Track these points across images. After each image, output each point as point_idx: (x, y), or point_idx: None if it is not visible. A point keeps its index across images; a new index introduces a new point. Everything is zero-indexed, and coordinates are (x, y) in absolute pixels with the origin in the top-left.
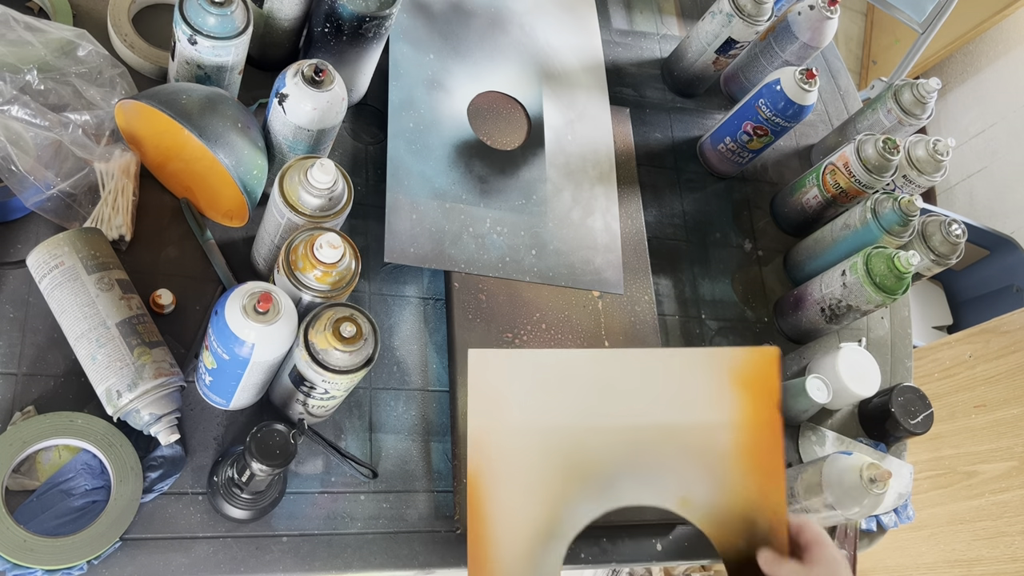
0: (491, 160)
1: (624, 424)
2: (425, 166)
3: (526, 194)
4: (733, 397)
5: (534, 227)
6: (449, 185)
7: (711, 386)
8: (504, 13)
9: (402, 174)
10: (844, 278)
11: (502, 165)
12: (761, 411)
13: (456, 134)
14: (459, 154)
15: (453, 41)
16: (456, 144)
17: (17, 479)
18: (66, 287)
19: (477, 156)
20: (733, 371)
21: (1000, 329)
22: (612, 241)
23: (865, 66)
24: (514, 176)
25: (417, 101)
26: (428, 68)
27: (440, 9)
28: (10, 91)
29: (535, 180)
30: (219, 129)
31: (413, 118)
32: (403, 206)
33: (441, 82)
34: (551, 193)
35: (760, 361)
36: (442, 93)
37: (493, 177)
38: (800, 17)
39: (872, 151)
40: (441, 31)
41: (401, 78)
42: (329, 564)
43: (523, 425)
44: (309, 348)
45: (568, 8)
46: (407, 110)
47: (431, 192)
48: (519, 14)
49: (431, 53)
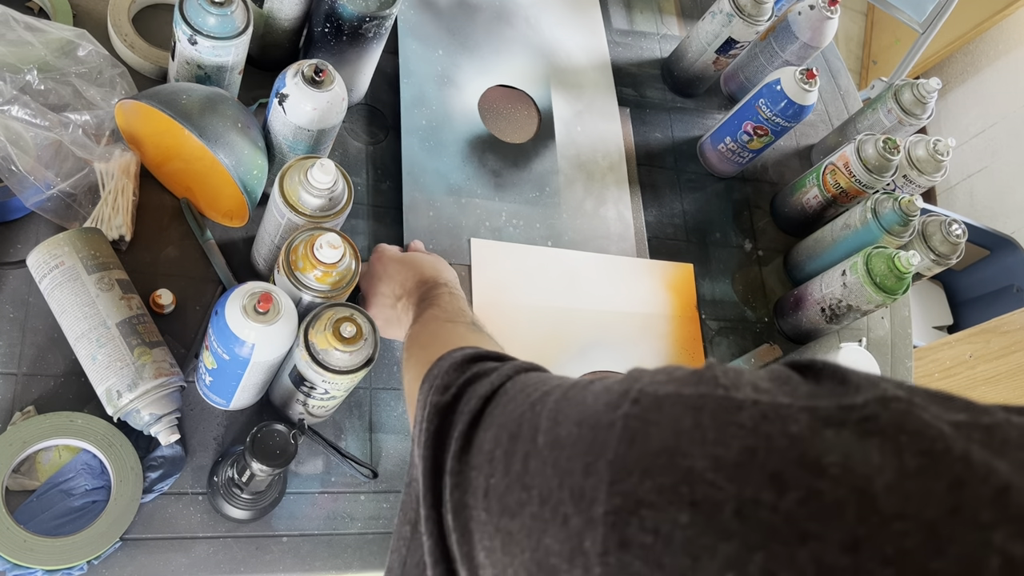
0: (503, 154)
1: (592, 309)
2: (439, 163)
3: (539, 186)
4: (666, 297)
5: (549, 219)
6: (464, 180)
7: (651, 288)
8: (509, 6)
9: (417, 172)
10: (844, 278)
11: (515, 158)
12: (685, 309)
13: (468, 129)
14: (472, 149)
15: (460, 36)
16: (469, 139)
17: (17, 479)
18: (66, 287)
19: (490, 150)
20: (665, 279)
21: (1000, 329)
22: (625, 230)
23: (865, 66)
24: (527, 169)
25: (428, 97)
26: (437, 64)
27: (446, 4)
28: (10, 91)
29: (547, 172)
30: (219, 129)
31: (425, 115)
32: (420, 204)
33: (451, 77)
34: (564, 184)
35: (683, 274)
36: (452, 89)
37: (506, 171)
38: (800, 17)
39: (872, 151)
40: (448, 26)
41: (412, 75)
42: (329, 564)
43: (516, 302)
44: (309, 348)
45: (572, 2)
46: (419, 107)
47: (446, 188)
48: (524, 7)
49: (440, 49)
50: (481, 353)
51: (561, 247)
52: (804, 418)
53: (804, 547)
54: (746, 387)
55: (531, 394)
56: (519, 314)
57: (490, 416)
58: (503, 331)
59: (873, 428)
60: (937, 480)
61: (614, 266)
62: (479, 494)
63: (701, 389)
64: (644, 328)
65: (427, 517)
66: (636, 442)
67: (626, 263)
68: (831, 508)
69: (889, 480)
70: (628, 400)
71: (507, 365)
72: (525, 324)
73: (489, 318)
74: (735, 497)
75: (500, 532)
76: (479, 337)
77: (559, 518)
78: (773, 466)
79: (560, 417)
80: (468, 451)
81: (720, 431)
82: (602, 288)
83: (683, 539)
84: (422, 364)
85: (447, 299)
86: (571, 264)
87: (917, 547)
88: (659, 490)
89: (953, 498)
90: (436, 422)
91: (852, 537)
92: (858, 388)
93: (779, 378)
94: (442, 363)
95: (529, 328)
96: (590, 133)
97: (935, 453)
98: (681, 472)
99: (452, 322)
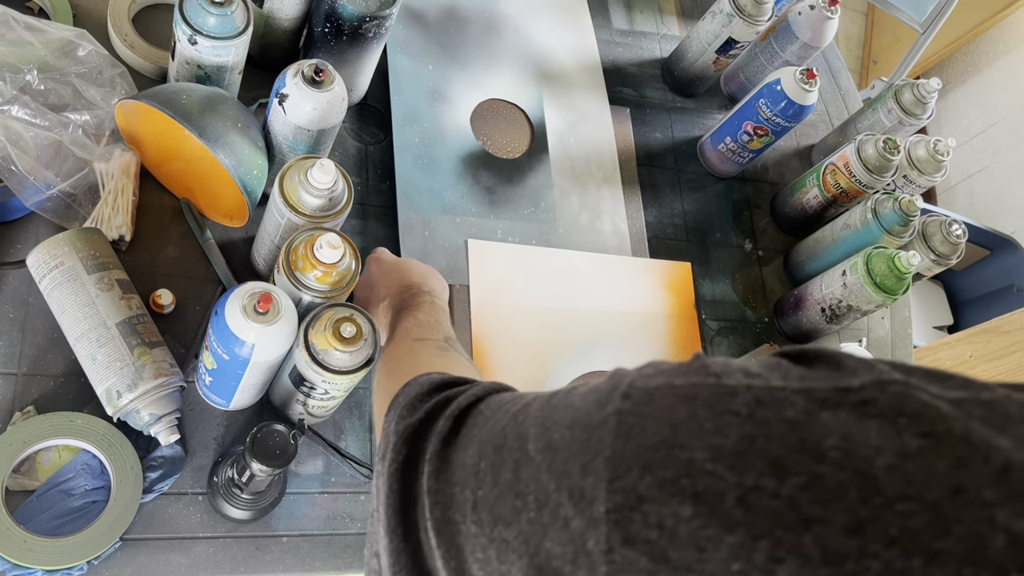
0: (497, 169)
1: (591, 308)
2: (433, 181)
3: (534, 201)
4: (664, 296)
5: (545, 234)
6: (458, 199)
7: (649, 287)
8: (498, 17)
9: (412, 191)
10: (844, 278)
11: (508, 174)
12: (684, 308)
13: (461, 146)
14: (465, 166)
15: (451, 50)
16: (462, 156)
17: (17, 479)
18: (66, 287)
19: (483, 167)
20: (663, 277)
21: (1000, 329)
22: (622, 243)
23: (865, 66)
24: (521, 184)
25: (420, 114)
26: (428, 79)
27: (435, 18)
28: (10, 91)
29: (542, 187)
30: (219, 129)
31: (418, 132)
32: (415, 224)
33: (442, 93)
34: (559, 199)
35: (681, 273)
36: (444, 104)
37: (500, 187)
38: (800, 17)
39: (872, 151)
40: (438, 40)
41: (403, 92)
42: (329, 564)
43: (514, 303)
44: (309, 348)
45: (561, 8)
46: (411, 124)
47: (441, 207)
48: (513, 17)
49: (430, 64)
50: (447, 379)
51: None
52: (800, 401)
53: (808, 532)
54: (736, 373)
55: (510, 408)
56: (517, 315)
57: (467, 436)
58: (502, 332)
59: (872, 411)
60: (939, 460)
61: (612, 265)
62: (466, 508)
63: (692, 379)
64: (643, 327)
65: (399, 550)
66: (632, 437)
67: (624, 262)
68: (833, 492)
69: (890, 461)
70: (618, 395)
71: (476, 386)
72: (524, 325)
73: (487, 319)
74: (737, 486)
75: (494, 542)
76: (447, 360)
77: (559, 521)
78: (773, 452)
79: (549, 423)
80: (447, 470)
81: (716, 420)
82: (600, 288)
83: (687, 532)
84: (387, 394)
85: (426, 309)
86: (569, 264)
87: (921, 528)
88: (660, 484)
89: (955, 478)
90: (404, 451)
91: (856, 520)
92: (854, 371)
93: (769, 364)
94: (408, 390)
95: (528, 329)
96: (584, 144)
97: (936, 434)
98: (681, 464)
99: (422, 340)
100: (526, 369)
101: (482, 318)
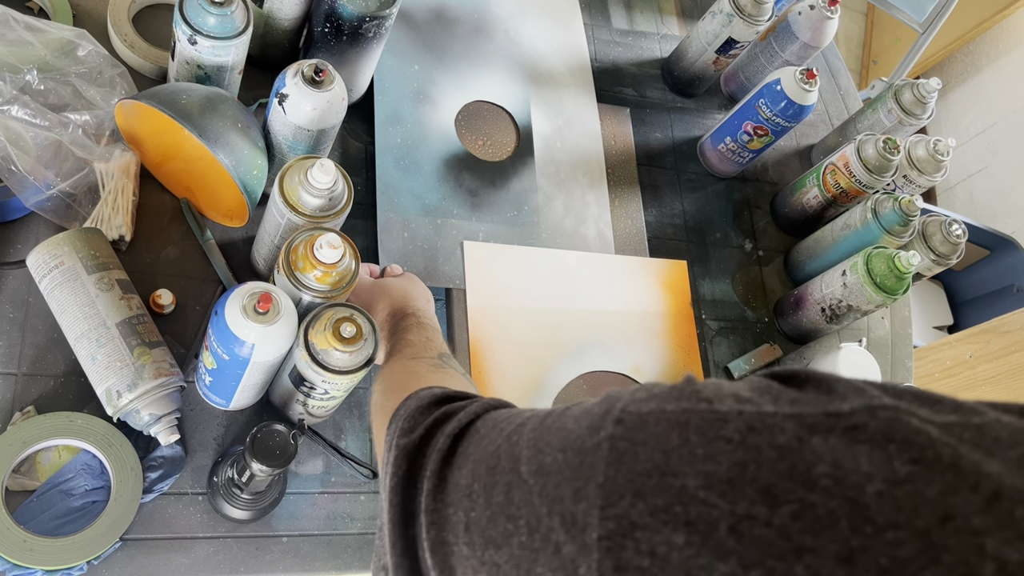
0: (481, 172)
1: (588, 309)
2: (415, 182)
3: (517, 205)
4: (661, 295)
5: (528, 238)
6: (439, 200)
7: (646, 286)
8: (488, 19)
9: (391, 192)
10: (844, 278)
11: (492, 177)
12: (680, 307)
13: (444, 147)
14: (448, 168)
15: (438, 51)
16: (445, 158)
17: (17, 479)
18: (66, 287)
19: (467, 169)
20: (659, 276)
21: (1000, 329)
22: (606, 249)
23: (865, 66)
24: (504, 188)
25: (404, 115)
26: (413, 80)
27: (424, 18)
28: (10, 91)
29: (526, 191)
30: (219, 129)
31: (400, 133)
32: (394, 224)
33: (427, 94)
34: (543, 203)
35: (678, 271)
36: (428, 105)
37: (484, 190)
38: (800, 17)
39: (872, 151)
40: (425, 41)
41: (386, 92)
42: (329, 564)
43: (511, 304)
44: (309, 348)
45: (552, 11)
46: (394, 125)
47: (421, 209)
48: (503, 19)
49: (416, 64)
50: (447, 394)
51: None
52: (790, 427)
53: (800, 561)
54: (728, 399)
55: (505, 428)
56: (515, 316)
57: (463, 454)
58: (499, 334)
59: (862, 436)
60: (928, 487)
61: (609, 265)
62: (459, 530)
63: (683, 404)
64: (640, 327)
65: (398, 566)
66: (624, 463)
67: (621, 261)
68: (824, 520)
69: (880, 488)
70: (611, 420)
71: (474, 403)
72: (521, 326)
73: (485, 321)
74: (729, 514)
75: (486, 565)
76: (443, 375)
77: (550, 546)
78: (764, 480)
79: (541, 445)
80: (443, 489)
81: (708, 446)
82: (597, 288)
83: (679, 560)
84: (386, 411)
85: (414, 331)
86: (565, 264)
87: (911, 556)
88: (652, 511)
89: (945, 505)
90: (404, 466)
91: (847, 549)
92: (844, 396)
93: (760, 387)
94: (408, 404)
95: (525, 330)
96: (570, 150)
97: (925, 460)
98: (673, 492)
99: (417, 359)
100: (524, 370)
101: (479, 320)
